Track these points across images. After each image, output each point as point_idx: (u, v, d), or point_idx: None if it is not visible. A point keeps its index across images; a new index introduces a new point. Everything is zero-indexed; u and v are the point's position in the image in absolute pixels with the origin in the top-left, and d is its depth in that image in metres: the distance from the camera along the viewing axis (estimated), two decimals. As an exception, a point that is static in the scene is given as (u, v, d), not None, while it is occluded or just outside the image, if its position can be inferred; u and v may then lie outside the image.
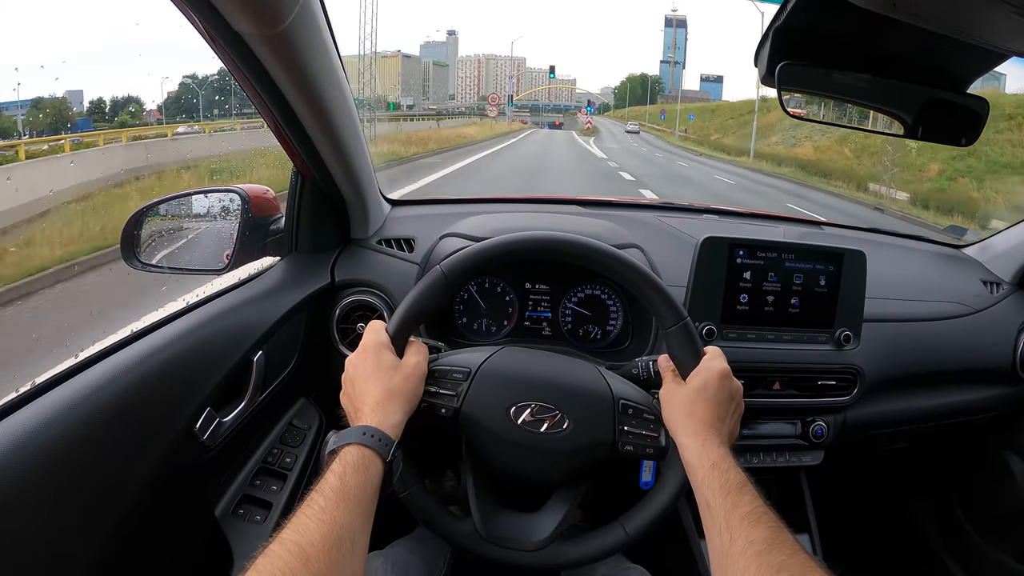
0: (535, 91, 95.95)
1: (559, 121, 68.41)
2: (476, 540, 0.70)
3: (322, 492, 0.53)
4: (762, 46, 0.79)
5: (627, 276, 0.72)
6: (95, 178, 3.89)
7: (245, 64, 0.69)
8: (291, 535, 0.48)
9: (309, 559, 0.46)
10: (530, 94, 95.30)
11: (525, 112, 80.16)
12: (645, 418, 0.71)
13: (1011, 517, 1.31)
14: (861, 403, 1.04)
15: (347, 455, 0.57)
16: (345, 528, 0.50)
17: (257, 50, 0.66)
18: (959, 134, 0.83)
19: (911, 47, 0.77)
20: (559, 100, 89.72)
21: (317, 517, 0.50)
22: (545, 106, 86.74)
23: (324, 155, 0.90)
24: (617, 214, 1.26)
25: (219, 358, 0.80)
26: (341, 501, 0.52)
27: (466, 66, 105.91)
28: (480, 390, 0.70)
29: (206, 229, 1.08)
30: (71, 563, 0.59)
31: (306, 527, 0.49)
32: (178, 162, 4.19)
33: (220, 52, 0.69)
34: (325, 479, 0.54)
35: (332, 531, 0.49)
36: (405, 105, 59.59)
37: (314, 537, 0.48)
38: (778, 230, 1.15)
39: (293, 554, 0.46)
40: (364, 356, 0.67)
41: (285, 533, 0.49)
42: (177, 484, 0.73)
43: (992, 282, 1.26)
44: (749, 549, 0.51)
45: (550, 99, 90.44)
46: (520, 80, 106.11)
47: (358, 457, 0.57)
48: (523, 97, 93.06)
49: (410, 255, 1.06)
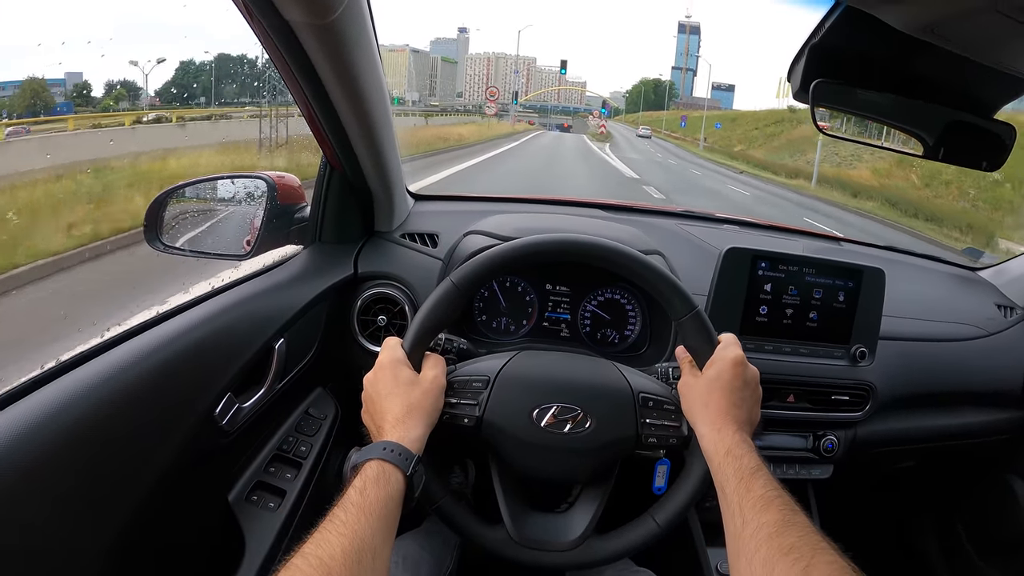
0: (544, 91, 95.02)
1: (567, 123, 66.69)
2: (511, 545, 0.71)
3: (344, 507, 0.53)
4: (796, 62, 0.80)
5: (635, 269, 0.72)
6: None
7: (289, 52, 0.70)
8: (313, 549, 0.49)
9: (331, 573, 0.47)
10: (539, 94, 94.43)
11: (532, 113, 78.96)
12: (666, 409, 0.72)
13: (1013, 542, 1.31)
14: (872, 420, 1.05)
15: (368, 470, 0.58)
16: (366, 542, 0.51)
17: (304, 39, 0.67)
18: (983, 158, 0.84)
19: (943, 70, 0.78)
20: (568, 102, 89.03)
21: (338, 531, 0.51)
22: (554, 107, 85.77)
23: (356, 147, 0.90)
24: (639, 220, 1.26)
25: (242, 344, 0.81)
26: (362, 515, 0.53)
27: (475, 64, 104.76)
28: (501, 397, 0.70)
29: (230, 214, 1.09)
30: (88, 542, 0.60)
31: (328, 541, 0.50)
32: (85, 162, 3.29)
33: (264, 39, 0.70)
34: (347, 495, 0.55)
35: (353, 545, 0.50)
36: (410, 100, 58.27)
37: (335, 551, 0.49)
38: (798, 244, 1.16)
39: (315, 568, 0.47)
40: (382, 374, 0.68)
41: (307, 547, 0.49)
42: (194, 468, 0.73)
43: (1007, 306, 1.27)
44: (760, 532, 0.52)
45: (559, 100, 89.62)
46: (529, 80, 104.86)
47: (378, 472, 0.58)
48: (532, 97, 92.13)
49: (434, 250, 1.06)
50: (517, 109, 66.96)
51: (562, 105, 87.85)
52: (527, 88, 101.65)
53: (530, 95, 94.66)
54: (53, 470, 0.56)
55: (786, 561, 0.49)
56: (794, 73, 0.81)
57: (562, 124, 66.92)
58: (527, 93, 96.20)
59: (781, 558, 0.49)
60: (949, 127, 0.83)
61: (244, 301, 0.85)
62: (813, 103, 0.80)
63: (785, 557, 0.49)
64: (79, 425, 0.59)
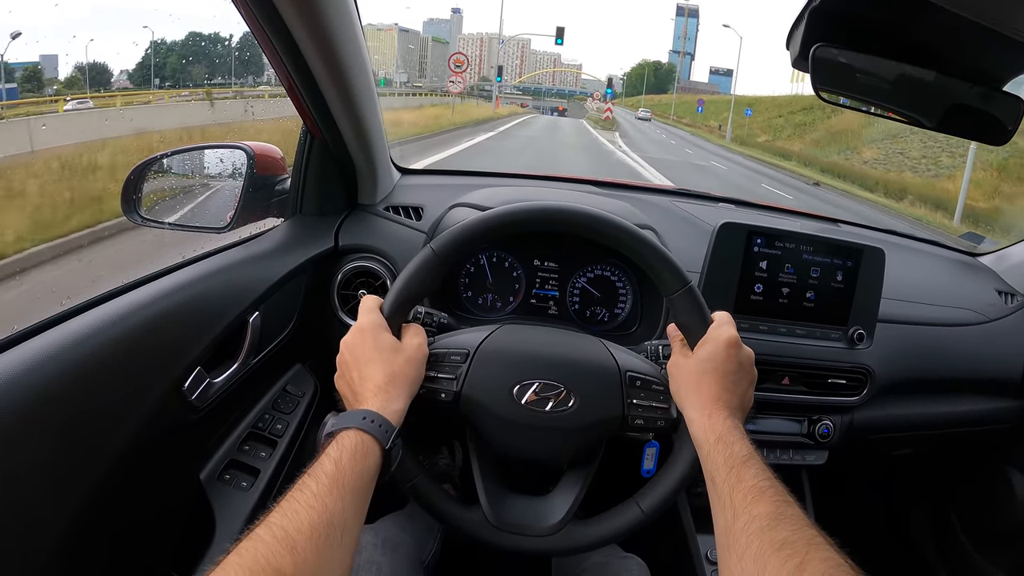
0: (538, 73, 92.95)
1: (562, 107, 62.37)
2: (487, 528, 0.67)
3: (315, 477, 0.50)
4: (796, 27, 0.76)
5: (624, 241, 0.69)
6: None
7: (264, 15, 0.67)
8: (279, 519, 0.45)
9: (296, 547, 0.44)
10: (534, 76, 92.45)
11: (527, 96, 76.22)
12: (654, 389, 0.68)
13: (1009, 532, 1.29)
14: (869, 405, 1.02)
15: (345, 439, 0.54)
16: (336, 517, 0.47)
17: (279, 2, 0.64)
18: (991, 131, 0.80)
19: (949, 38, 0.75)
20: (564, 84, 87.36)
21: (307, 503, 0.47)
22: (548, 90, 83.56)
23: (337, 117, 0.87)
24: (632, 196, 1.23)
25: (213, 316, 0.77)
26: (335, 488, 0.49)
27: (468, 44, 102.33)
28: (480, 371, 0.67)
29: (211, 185, 1.05)
30: (48, 519, 0.56)
31: (295, 512, 0.46)
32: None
33: (238, 2, 0.67)
34: (320, 463, 0.51)
35: (322, 519, 0.46)
36: (398, 82, 55.94)
37: (303, 524, 0.45)
38: (794, 224, 1.13)
39: (279, 540, 0.44)
40: (362, 338, 0.64)
41: (273, 517, 0.46)
42: (162, 444, 0.70)
43: (1007, 293, 1.24)
44: (751, 525, 0.49)
45: (554, 83, 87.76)
46: (523, 63, 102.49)
47: (356, 443, 0.54)
48: (526, 79, 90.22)
49: (418, 223, 1.03)
50: (505, 90, 62.08)
51: (557, 88, 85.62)
52: (521, 70, 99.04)
53: (524, 77, 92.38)
54: (6, 442, 0.53)
55: (779, 557, 0.45)
56: (793, 38, 0.78)
57: (556, 107, 63.28)
58: (521, 75, 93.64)
59: (773, 554, 0.46)
60: (956, 98, 0.80)
61: (217, 272, 0.81)
62: (813, 70, 0.77)
63: (778, 553, 0.46)
64: (35, 396, 0.55)
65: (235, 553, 0.43)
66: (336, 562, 0.47)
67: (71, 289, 0.76)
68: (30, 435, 0.55)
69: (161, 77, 9.34)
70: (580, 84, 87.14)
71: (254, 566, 0.42)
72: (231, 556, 0.42)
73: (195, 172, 1.06)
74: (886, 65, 0.79)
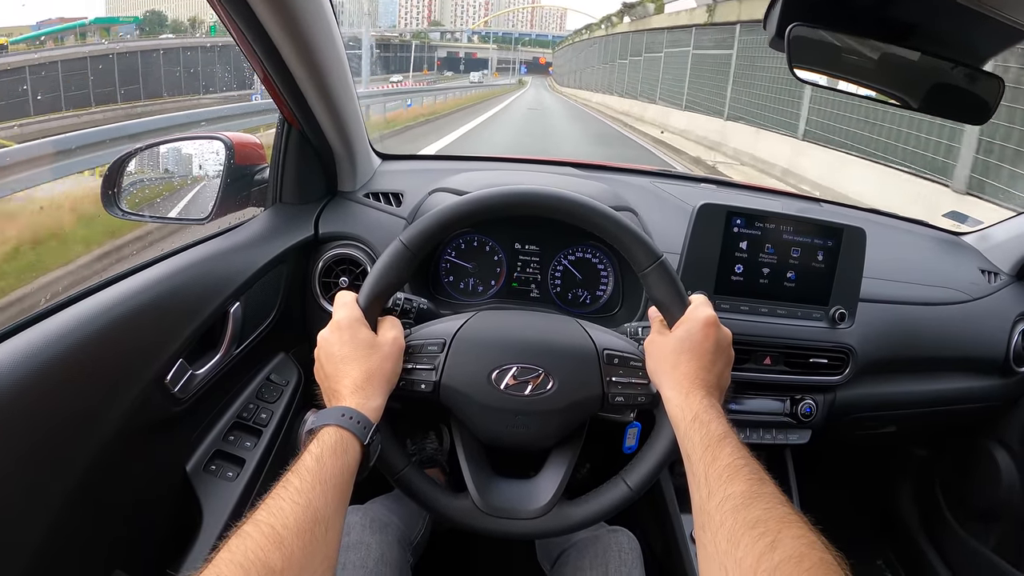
0: (510, 12, 64.10)
1: (544, 58, 42.61)
2: (476, 515, 0.68)
3: (298, 473, 0.51)
4: (773, 5, 0.76)
5: (594, 220, 0.69)
6: None
7: (230, 3, 0.66)
8: (266, 517, 0.47)
9: (283, 542, 0.45)
10: (505, 15, 63.80)
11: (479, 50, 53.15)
12: (633, 366, 0.68)
13: (993, 509, 1.31)
14: (852, 384, 1.03)
15: (325, 436, 0.55)
16: (320, 512, 0.49)
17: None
18: (970, 111, 0.80)
19: (929, 17, 0.74)
20: (544, 29, 58.33)
21: (292, 500, 0.49)
22: (523, 36, 56.41)
23: (311, 102, 0.86)
24: (612, 177, 1.23)
25: (193, 308, 0.77)
26: (317, 484, 0.51)
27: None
28: (457, 359, 0.67)
29: (190, 177, 1.05)
30: (32, 515, 0.57)
31: (281, 509, 0.48)
32: None
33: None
34: (302, 460, 0.53)
35: (307, 515, 0.48)
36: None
37: (288, 520, 0.47)
38: (776, 203, 1.12)
39: (267, 536, 0.45)
40: (339, 334, 0.64)
41: (260, 514, 0.47)
42: (146, 436, 0.70)
43: (991, 271, 1.25)
44: (725, 504, 0.50)
45: (531, 26, 60.12)
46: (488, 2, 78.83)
47: (336, 439, 0.55)
48: (489, 21, 59.30)
49: (397, 209, 1.03)
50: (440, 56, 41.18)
51: (536, 33, 63.93)
52: (485, 9, 78.89)
53: (488, 17, 71.23)
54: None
55: (751, 535, 0.46)
56: (770, 17, 0.77)
57: (537, 59, 52.50)
58: (486, 16, 71.67)
59: (746, 532, 0.47)
60: (936, 78, 0.80)
61: (195, 264, 0.81)
62: (789, 49, 0.76)
63: (751, 531, 0.47)
64: (14, 394, 0.55)
65: (225, 550, 0.44)
66: (321, 555, 0.48)
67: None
68: (10, 433, 0.55)
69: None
70: (563, 27, 64.58)
71: (244, 562, 0.43)
72: (222, 553, 0.44)
73: (175, 164, 1.05)
74: (864, 44, 0.79)
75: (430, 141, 9.68)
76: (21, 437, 0.56)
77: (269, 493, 0.50)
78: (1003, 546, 1.28)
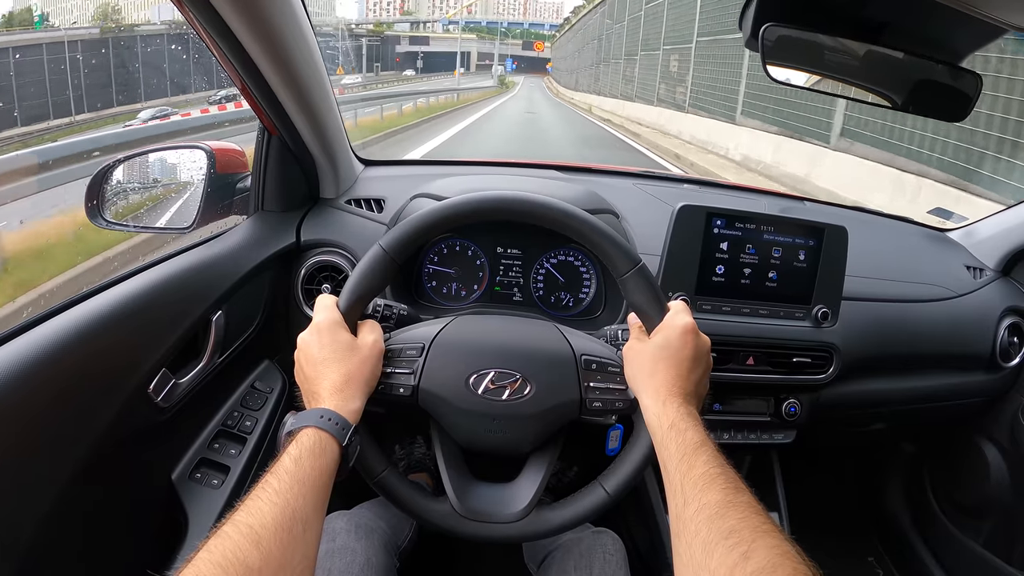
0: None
1: (540, 43, 36.70)
2: (455, 519, 0.68)
3: (277, 474, 0.52)
4: (748, 5, 0.76)
5: (571, 225, 0.69)
6: None
7: (203, 16, 0.66)
8: (244, 517, 0.48)
9: (261, 541, 0.46)
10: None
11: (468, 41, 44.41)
12: (611, 371, 0.68)
13: (982, 505, 1.31)
14: (837, 382, 1.03)
15: (304, 438, 0.56)
16: (298, 512, 0.50)
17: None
18: (949, 109, 0.80)
19: (905, 15, 0.74)
20: (541, 17, 48.90)
21: (270, 500, 0.49)
22: (515, 26, 44.41)
23: (290, 111, 0.86)
24: (595, 180, 1.23)
25: (175, 317, 0.77)
26: (295, 484, 0.51)
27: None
28: (436, 363, 0.67)
29: (172, 186, 1.05)
30: (16, 525, 0.57)
31: (259, 509, 0.48)
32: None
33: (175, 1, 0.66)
34: (281, 461, 0.54)
35: (285, 514, 0.49)
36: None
37: (267, 520, 0.48)
38: (759, 203, 1.12)
39: (245, 536, 0.46)
40: (319, 336, 0.65)
41: (238, 515, 0.48)
42: (130, 446, 0.70)
43: (976, 267, 1.25)
44: (701, 513, 0.50)
45: (525, 15, 47.19)
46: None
47: (315, 441, 0.56)
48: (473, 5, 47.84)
49: (379, 215, 1.03)
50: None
51: (529, 23, 54.38)
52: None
53: (470, 3, 55.66)
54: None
55: (725, 545, 0.46)
56: (745, 18, 0.77)
57: (532, 44, 41.01)
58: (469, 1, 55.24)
59: (720, 542, 0.47)
60: (913, 76, 0.80)
61: (177, 274, 0.81)
62: (763, 50, 0.76)
63: (725, 541, 0.47)
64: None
65: (204, 550, 0.45)
66: (300, 555, 0.48)
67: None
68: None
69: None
70: (561, 16, 54.50)
71: (223, 561, 0.44)
72: (201, 553, 0.44)
73: (158, 174, 1.05)
74: (840, 44, 0.79)
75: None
76: (5, 448, 0.56)
77: (249, 494, 0.50)
78: (992, 541, 1.28)
